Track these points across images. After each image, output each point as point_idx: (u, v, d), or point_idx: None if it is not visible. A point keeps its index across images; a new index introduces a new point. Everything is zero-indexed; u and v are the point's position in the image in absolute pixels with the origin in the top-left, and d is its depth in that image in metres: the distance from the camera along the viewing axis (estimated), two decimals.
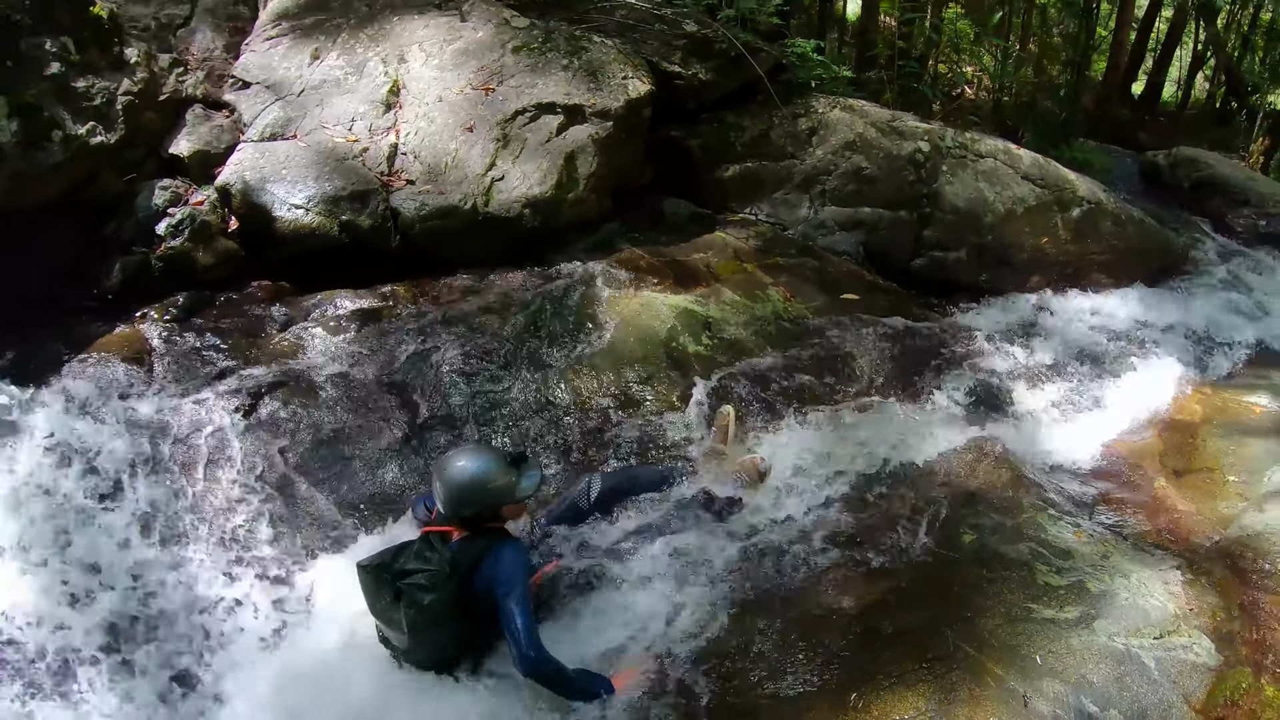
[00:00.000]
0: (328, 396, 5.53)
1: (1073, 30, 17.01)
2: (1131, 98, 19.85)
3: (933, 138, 8.63)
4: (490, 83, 7.48)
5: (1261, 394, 7.51)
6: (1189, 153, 13.39)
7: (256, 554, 4.72)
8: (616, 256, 7.28)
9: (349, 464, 5.23)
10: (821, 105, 8.87)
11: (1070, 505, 5.53)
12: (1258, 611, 4.57)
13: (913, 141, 8.58)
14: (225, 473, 5.00)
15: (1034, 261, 8.60)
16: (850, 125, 8.71)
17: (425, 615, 3.91)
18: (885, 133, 8.65)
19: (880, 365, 6.78)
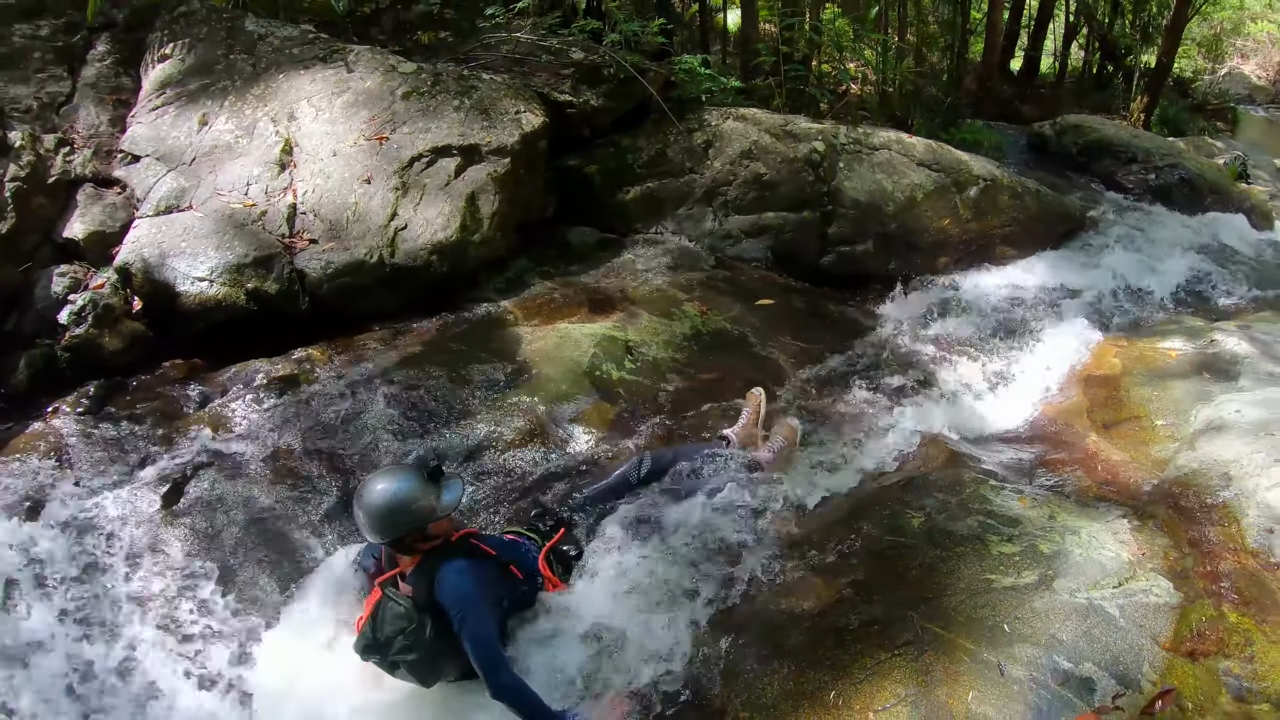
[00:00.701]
0: (254, 472, 5.32)
1: (949, 16, 17.31)
2: (1011, 74, 20.27)
3: (826, 137, 8.71)
4: (383, 131, 7.37)
5: (1175, 338, 7.67)
6: (1073, 119, 13.70)
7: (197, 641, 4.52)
8: (529, 292, 7.24)
9: (284, 538, 5.01)
10: (714, 118, 8.92)
11: (1010, 473, 5.57)
12: (1206, 545, 4.63)
13: (807, 143, 8.66)
14: (157, 564, 4.77)
15: (940, 243, 8.74)
16: (745, 134, 8.76)
17: (426, 668, 4.05)
18: (779, 137, 8.72)
19: (804, 365, 6.79)
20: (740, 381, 6.39)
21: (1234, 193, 12.74)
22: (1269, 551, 4.46)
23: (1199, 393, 6.40)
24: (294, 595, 4.68)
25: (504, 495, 5.34)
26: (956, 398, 6.89)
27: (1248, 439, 5.38)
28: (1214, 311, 9.00)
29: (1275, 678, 3.68)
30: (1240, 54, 30.10)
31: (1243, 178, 14.54)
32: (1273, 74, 29.49)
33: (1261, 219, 12.34)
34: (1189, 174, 12.43)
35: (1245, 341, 7.35)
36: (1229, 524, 4.74)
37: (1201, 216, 11.84)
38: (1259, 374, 6.71)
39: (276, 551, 4.93)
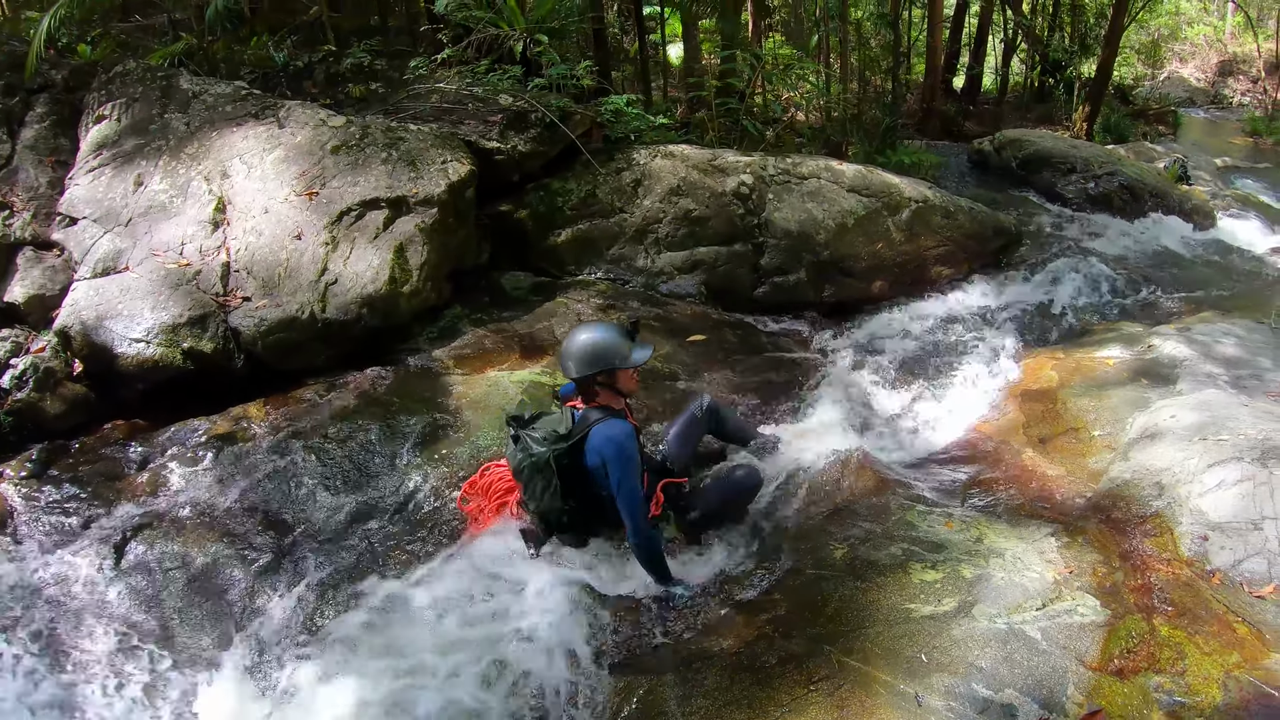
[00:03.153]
0: (193, 530, 5.19)
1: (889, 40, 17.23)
2: (954, 92, 20.20)
3: (754, 169, 8.49)
4: (314, 187, 7.19)
5: (1112, 346, 7.53)
6: (1012, 134, 13.57)
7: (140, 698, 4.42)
8: (461, 340, 7.01)
9: (222, 594, 4.89)
10: (643, 156, 8.68)
11: (941, 496, 5.44)
12: (1138, 556, 4.52)
13: (735, 176, 8.43)
14: (103, 625, 4.68)
15: (873, 268, 8.50)
16: (673, 171, 8.53)
17: (531, 464, 4.60)
18: (708, 173, 8.48)
19: (736, 400, 6.54)
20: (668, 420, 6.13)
21: (1175, 195, 12.65)
22: (1203, 559, 4.40)
23: (1137, 400, 6.28)
24: (233, 649, 4.63)
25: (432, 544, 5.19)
26: (890, 423, 6.73)
27: (1182, 445, 5.26)
28: (1154, 316, 8.86)
29: (1209, 690, 3.57)
30: (1179, 58, 30.25)
31: (1183, 179, 14.42)
32: (1211, 76, 29.65)
33: (1203, 219, 12.29)
34: (1128, 180, 12.34)
35: (1184, 344, 7.24)
36: (1162, 534, 4.66)
37: (1142, 221, 11.78)
38: (1197, 376, 6.61)
39: (215, 608, 4.84)
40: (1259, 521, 4.43)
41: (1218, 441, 5.12)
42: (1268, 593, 4.08)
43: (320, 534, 5.28)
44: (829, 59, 16.10)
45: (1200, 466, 4.93)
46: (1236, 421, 5.37)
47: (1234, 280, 10.29)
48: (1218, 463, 4.90)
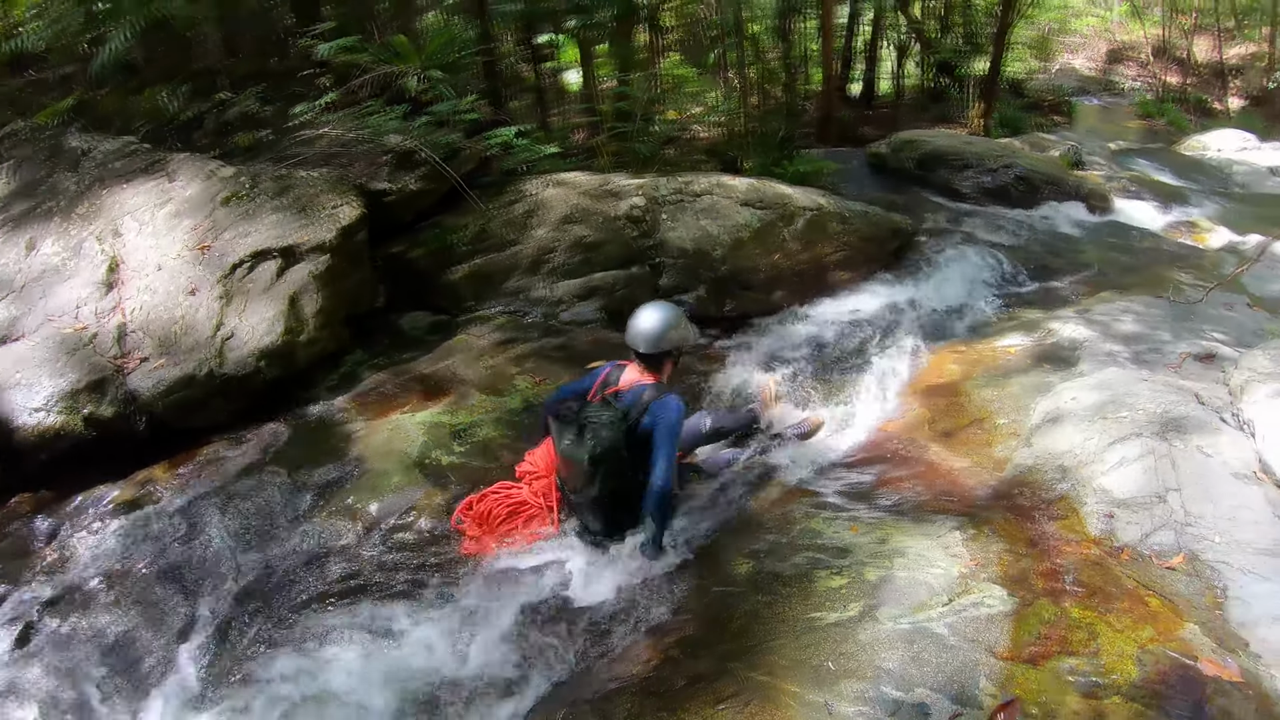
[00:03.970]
0: (106, 602, 5.02)
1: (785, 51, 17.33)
2: (852, 99, 20.33)
3: (646, 191, 8.43)
4: (206, 240, 7.02)
5: (1012, 334, 7.61)
6: (906, 135, 13.70)
7: None
8: (362, 386, 6.87)
9: (140, 664, 4.72)
10: (534, 186, 8.57)
11: (847, 500, 5.37)
12: (1045, 541, 4.46)
13: (627, 200, 8.36)
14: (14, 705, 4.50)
15: (772, 279, 8.48)
16: (565, 199, 8.43)
17: (605, 446, 4.82)
18: (600, 198, 8.40)
19: None
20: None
21: (1070, 181, 12.88)
22: (1111, 537, 4.39)
23: (1039, 386, 6.32)
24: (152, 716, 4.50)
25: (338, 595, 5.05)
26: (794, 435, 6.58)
27: (1083, 426, 5.30)
28: (1054, 301, 8.96)
29: (1124, 668, 3.51)
30: (1069, 50, 30.81)
31: (1078, 165, 14.69)
32: (1101, 64, 30.26)
33: (1099, 202, 12.54)
34: (1023, 171, 12.55)
35: (1083, 326, 7.34)
36: (1068, 516, 4.64)
37: (1039, 209, 12.03)
38: (1097, 356, 6.69)
39: (133, 677, 4.70)
40: (1163, 494, 4.45)
41: (1118, 419, 5.16)
42: (1177, 563, 4.07)
43: (232, 594, 5.12)
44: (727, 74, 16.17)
45: (1101, 446, 4.96)
46: (1136, 398, 5.41)
47: (1131, 259, 10.45)
48: (1119, 440, 4.94)
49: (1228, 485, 4.38)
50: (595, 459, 4.84)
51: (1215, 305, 8.12)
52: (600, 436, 4.84)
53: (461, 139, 8.57)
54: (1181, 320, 7.64)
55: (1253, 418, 4.81)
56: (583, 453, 4.84)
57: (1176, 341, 6.96)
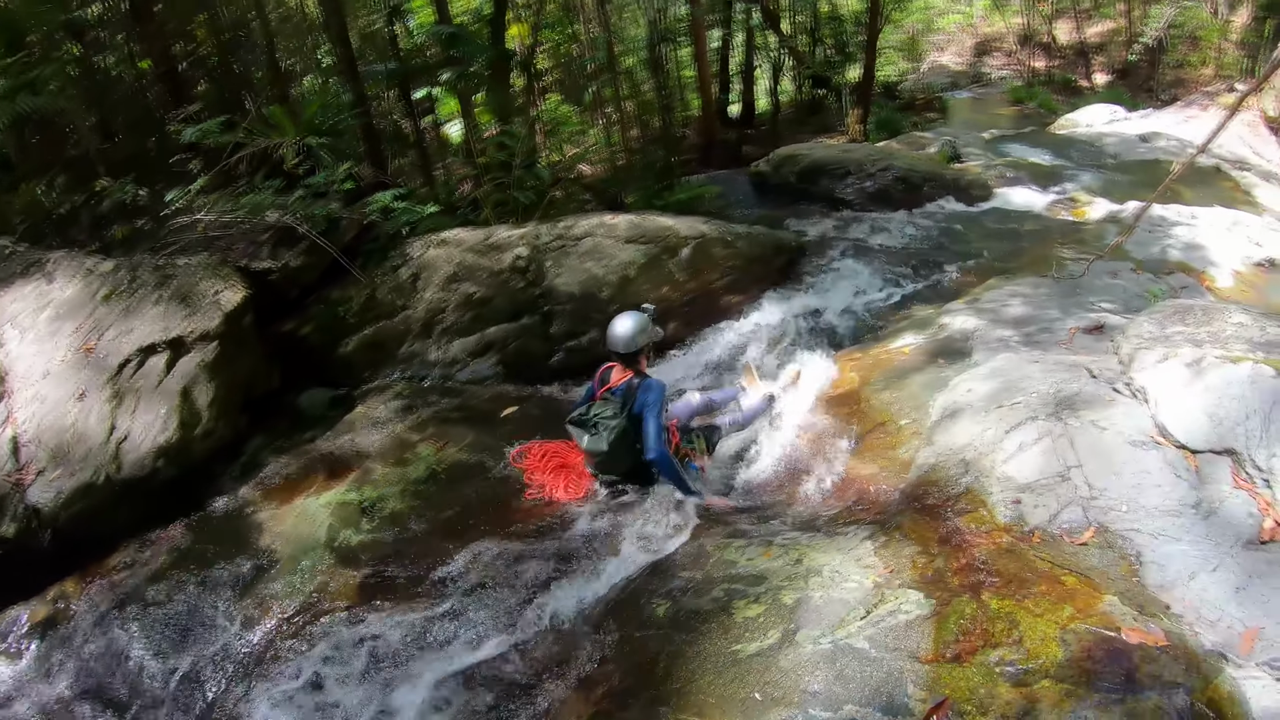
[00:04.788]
0: None
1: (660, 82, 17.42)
2: (732, 120, 20.49)
3: (529, 240, 8.36)
4: (90, 340, 6.77)
5: (906, 334, 7.63)
6: (785, 151, 13.82)
7: None
8: (266, 472, 6.67)
9: None
10: (417, 249, 8.45)
11: (760, 525, 5.36)
12: (956, 537, 4.43)
13: (510, 252, 8.28)
14: None
15: (664, 312, 8.33)
16: (448, 259, 8.33)
17: (615, 433, 5.78)
18: (483, 253, 8.32)
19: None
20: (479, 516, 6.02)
21: (949, 175, 13.15)
22: (1020, 522, 4.37)
23: (935, 382, 6.33)
24: None
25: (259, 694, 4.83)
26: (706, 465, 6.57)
27: (980, 418, 5.30)
28: (943, 295, 9.08)
29: (1048, 651, 3.49)
30: (937, 48, 31.57)
31: (955, 159, 14.92)
32: (969, 58, 31.03)
33: (980, 190, 12.81)
34: (901, 172, 12.74)
35: (973, 316, 7.44)
36: (976, 508, 4.61)
37: (922, 207, 12.21)
38: (989, 344, 6.75)
39: None
40: (1065, 473, 4.47)
41: (1013, 406, 5.19)
42: (1088, 538, 4.09)
43: (156, 703, 4.93)
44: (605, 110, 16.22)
45: (999, 434, 4.97)
46: (1029, 381, 5.46)
47: (1015, 243, 10.67)
48: (1015, 427, 4.96)
49: (1127, 454, 4.41)
50: (611, 445, 5.80)
51: (1100, 275, 8.33)
52: (609, 427, 5.80)
53: (340, 208, 8.43)
54: (1069, 296, 7.82)
55: (1144, 385, 4.85)
56: (601, 444, 5.80)
57: (1065, 317, 7.10)
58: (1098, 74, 25.61)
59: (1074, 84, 25.07)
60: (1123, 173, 14.15)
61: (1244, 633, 3.34)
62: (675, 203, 11.39)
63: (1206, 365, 4.56)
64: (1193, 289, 8.41)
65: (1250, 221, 10.52)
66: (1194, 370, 4.60)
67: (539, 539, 5.73)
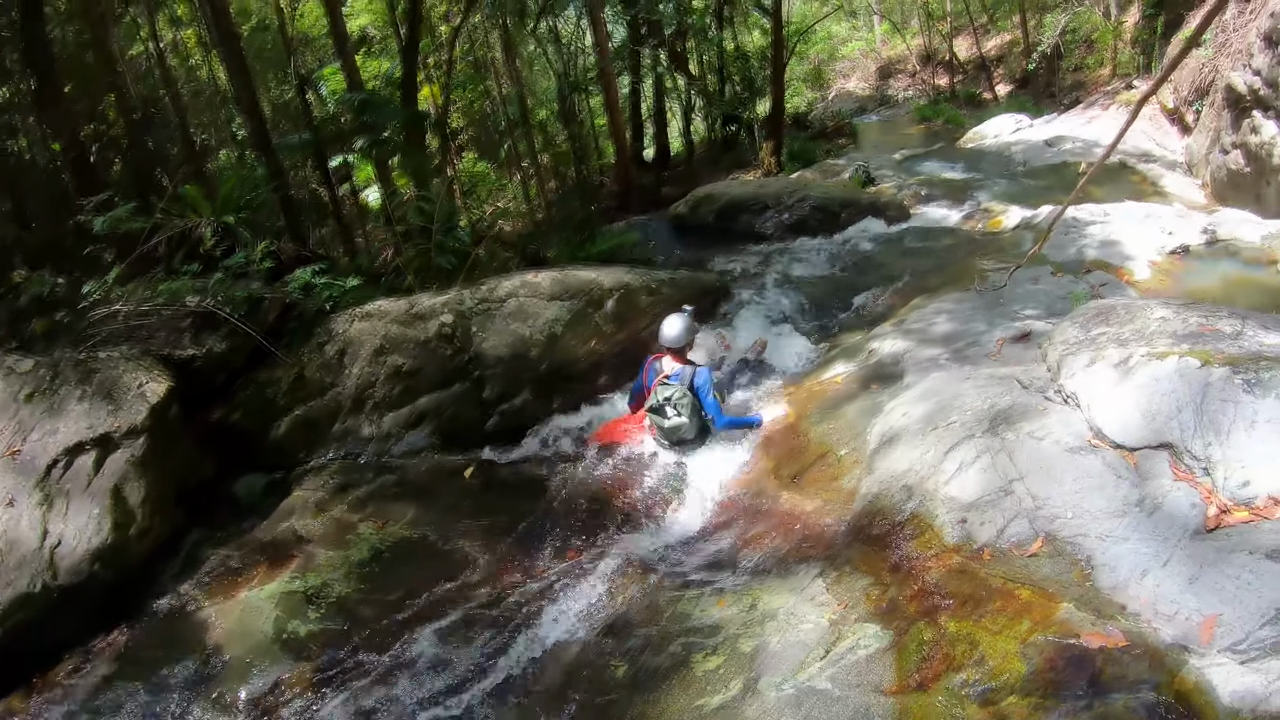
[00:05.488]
0: None
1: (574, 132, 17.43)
2: (648, 164, 20.56)
3: (453, 306, 8.25)
4: (15, 444, 6.51)
5: (837, 363, 7.66)
6: (702, 192, 13.91)
7: None
8: (206, 568, 6.47)
9: None
10: (341, 324, 8.31)
11: (710, 572, 5.33)
12: (907, 564, 4.43)
13: (435, 320, 8.16)
14: None
15: (593, 365, 8.43)
16: (373, 332, 8.19)
17: (690, 408, 6.97)
18: (408, 323, 8.19)
19: (491, 543, 6.34)
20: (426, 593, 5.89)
21: (864, 199, 13.29)
22: (969, 541, 4.34)
23: (870, 408, 6.32)
24: None
25: None
26: (647, 512, 6.55)
27: (917, 441, 5.28)
28: (870, 319, 9.11)
29: (1011, 666, 3.48)
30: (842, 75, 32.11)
31: (869, 182, 15.08)
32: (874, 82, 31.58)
33: (896, 212, 12.91)
34: (817, 201, 12.86)
35: (901, 339, 7.46)
36: (924, 532, 4.59)
37: (841, 233, 12.31)
38: (920, 364, 6.76)
39: None
40: (1007, 487, 4.45)
41: (949, 427, 5.18)
42: (1037, 548, 4.06)
43: None
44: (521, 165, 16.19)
45: (939, 456, 4.95)
46: (962, 398, 5.47)
47: (935, 259, 10.76)
48: (954, 447, 4.94)
49: (1066, 461, 4.40)
50: (689, 418, 7.00)
51: (1022, 283, 8.40)
52: (685, 405, 6.98)
53: (262, 288, 8.26)
54: (993, 307, 7.89)
55: (1075, 390, 4.87)
56: (683, 418, 6.99)
57: (991, 329, 7.17)
58: (1000, 85, 26.20)
59: (978, 97, 25.58)
60: (1033, 178, 14.45)
61: (1202, 622, 3.33)
62: (597, 254, 11.37)
63: (1134, 364, 4.59)
64: (1113, 285, 8.50)
65: (1161, 212, 10.74)
66: (1122, 370, 4.62)
67: (489, 608, 5.66)
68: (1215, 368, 4.20)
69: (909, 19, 32.81)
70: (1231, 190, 11.14)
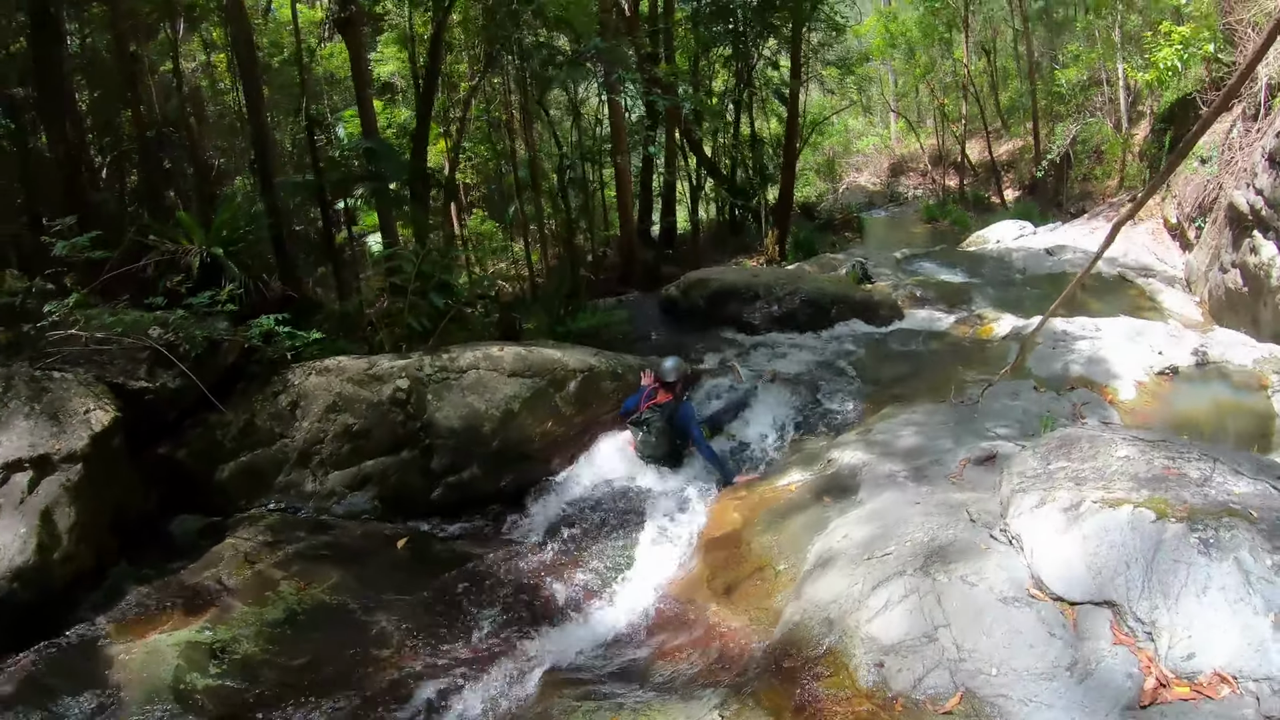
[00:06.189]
0: None
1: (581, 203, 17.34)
2: (653, 240, 20.46)
3: (410, 371, 8.01)
4: None
5: (794, 470, 7.31)
6: (695, 276, 13.69)
7: None
8: (126, 603, 6.18)
9: None
10: (298, 376, 8.08)
11: (616, 684, 5.03)
12: (813, 706, 4.13)
13: (390, 383, 7.92)
14: None
15: (548, 446, 8.17)
16: (328, 388, 7.97)
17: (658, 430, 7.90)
18: (363, 383, 7.96)
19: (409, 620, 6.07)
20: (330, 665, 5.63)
21: (857, 297, 12.99)
22: (883, 687, 4.03)
23: (816, 523, 6.01)
24: None
25: None
26: (575, 609, 6.29)
27: (848, 570, 4.95)
28: (838, 425, 8.83)
29: None
30: (855, 169, 32.20)
31: (865, 279, 14.89)
32: (885, 178, 31.69)
33: (889, 311, 12.69)
34: (809, 295, 12.58)
35: (862, 450, 7.09)
36: (836, 672, 4.28)
37: (829, 330, 12.03)
38: (877, 479, 6.43)
39: None
40: (932, 633, 4.15)
41: (883, 558, 4.86)
42: (954, 705, 3.77)
43: None
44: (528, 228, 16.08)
45: (866, 590, 4.64)
46: (905, 526, 5.14)
47: (917, 365, 10.51)
48: (882, 582, 4.63)
49: (998, 612, 4.10)
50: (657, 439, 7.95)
51: (1000, 397, 8.12)
52: (657, 429, 7.91)
53: (225, 329, 8.00)
54: (965, 422, 7.56)
55: (1020, 532, 4.56)
56: (651, 438, 7.94)
57: (957, 448, 6.81)
58: (1009, 190, 26.19)
59: (986, 200, 25.56)
60: (1030, 287, 14.21)
61: None
62: (578, 330, 11.16)
63: (1084, 510, 4.29)
64: (1096, 404, 8.23)
65: (1153, 330, 10.42)
66: (1070, 516, 4.33)
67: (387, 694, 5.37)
68: (1171, 522, 3.94)
69: (924, 118, 33.02)
70: (1228, 309, 10.94)
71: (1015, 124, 29.15)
